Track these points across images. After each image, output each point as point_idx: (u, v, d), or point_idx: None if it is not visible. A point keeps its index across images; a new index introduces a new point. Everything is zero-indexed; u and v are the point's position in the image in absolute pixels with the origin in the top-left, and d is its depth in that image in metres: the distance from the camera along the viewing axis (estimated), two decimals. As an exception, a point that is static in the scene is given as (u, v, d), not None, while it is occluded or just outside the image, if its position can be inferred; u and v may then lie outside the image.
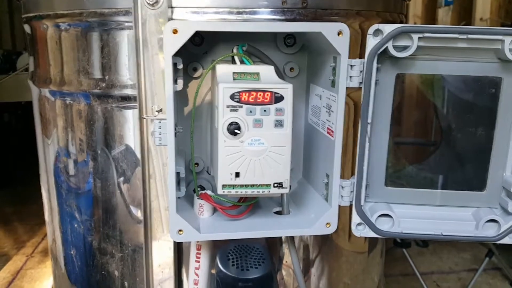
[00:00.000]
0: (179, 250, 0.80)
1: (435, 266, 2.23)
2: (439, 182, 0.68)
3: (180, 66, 0.62)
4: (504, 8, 2.84)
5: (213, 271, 0.82)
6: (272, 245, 0.88)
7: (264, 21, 0.73)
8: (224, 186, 0.61)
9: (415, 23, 2.94)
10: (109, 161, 0.85)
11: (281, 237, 0.85)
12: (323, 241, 0.94)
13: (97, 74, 0.81)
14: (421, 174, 0.73)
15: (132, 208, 0.85)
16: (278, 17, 0.74)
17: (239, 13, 0.73)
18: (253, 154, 0.60)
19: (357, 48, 0.79)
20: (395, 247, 2.10)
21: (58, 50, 0.86)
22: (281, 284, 0.92)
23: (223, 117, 0.59)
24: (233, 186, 0.61)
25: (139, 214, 0.84)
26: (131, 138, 0.82)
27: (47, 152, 0.98)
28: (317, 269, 0.95)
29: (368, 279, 1.12)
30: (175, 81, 0.63)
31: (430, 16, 2.94)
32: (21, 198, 2.62)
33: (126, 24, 0.77)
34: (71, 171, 0.91)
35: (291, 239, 0.75)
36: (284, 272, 0.91)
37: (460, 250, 2.35)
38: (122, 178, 0.84)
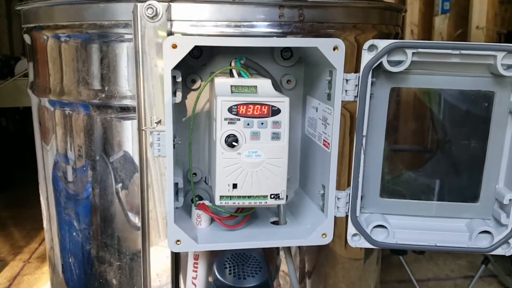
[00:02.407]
0: (177, 259, 0.81)
1: (432, 273, 2.24)
2: (433, 193, 0.69)
3: (179, 79, 0.63)
4: (500, 16, 2.86)
5: (210, 279, 0.83)
6: (269, 254, 0.89)
7: (262, 34, 0.74)
8: (221, 197, 0.62)
9: (412, 31, 2.97)
10: (108, 171, 0.86)
11: (281, 249, 0.86)
12: (319, 248, 0.95)
13: (97, 85, 0.82)
14: (416, 184, 0.74)
15: (130, 217, 0.86)
16: (275, 30, 0.75)
17: (237, 26, 0.74)
18: (250, 166, 0.61)
19: (353, 60, 0.80)
20: (392, 254, 2.10)
21: (58, 61, 0.87)
22: (278, 291, 0.93)
23: (221, 130, 0.60)
24: (231, 197, 0.62)
25: (137, 222, 0.85)
26: (130, 148, 0.83)
27: (46, 160, 0.98)
28: (313, 276, 0.96)
29: (365, 286, 1.13)
30: (174, 94, 0.64)
31: (426, 24, 2.96)
32: (18, 203, 2.61)
33: (126, 36, 0.78)
34: (70, 180, 0.92)
35: (287, 248, 0.76)
36: (281, 281, 0.92)
37: (456, 257, 2.36)
38: (120, 186, 0.85)
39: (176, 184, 0.68)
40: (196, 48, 0.70)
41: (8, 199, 2.74)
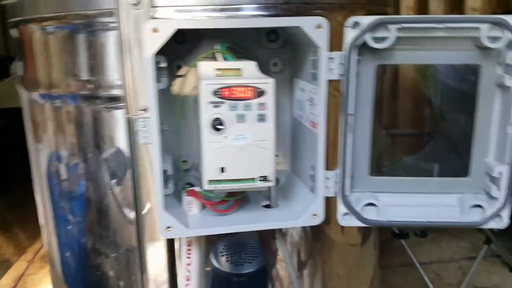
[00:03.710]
0: (171, 247, 0.81)
1: (435, 256, 2.24)
2: (424, 169, 0.69)
3: (163, 65, 0.63)
4: (495, -3, 2.84)
5: (208, 268, 0.83)
6: (265, 240, 0.89)
7: (247, 17, 0.74)
8: (210, 181, 0.62)
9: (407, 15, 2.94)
10: (100, 162, 0.86)
11: (273, 231, 0.86)
12: (316, 234, 0.95)
13: (85, 75, 0.82)
14: (406, 163, 0.74)
15: (125, 207, 0.86)
16: (261, 13, 0.75)
17: (222, 10, 0.74)
18: (237, 149, 0.61)
19: (342, 41, 0.80)
20: (394, 238, 2.11)
21: (45, 53, 0.87)
22: (276, 278, 0.93)
23: (206, 113, 0.60)
24: (219, 181, 0.62)
25: (131, 212, 0.85)
26: (121, 138, 0.83)
27: (39, 155, 0.98)
28: (310, 262, 0.96)
29: (362, 271, 1.13)
30: (158, 80, 0.63)
31: (422, 8, 2.94)
32: (21, 203, 2.62)
33: (111, 25, 0.77)
34: (63, 173, 0.92)
35: (280, 231, 0.76)
36: (278, 266, 0.92)
37: (459, 239, 2.36)
38: (112, 176, 0.85)
39: (165, 171, 0.68)
40: (181, 33, 0.70)
41: (11, 200, 2.75)
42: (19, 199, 2.71)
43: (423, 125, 0.81)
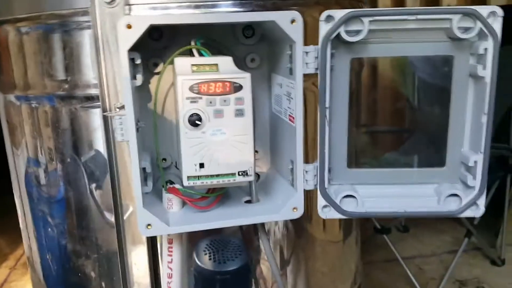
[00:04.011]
0: (154, 247, 0.81)
1: (417, 250, 2.27)
2: (401, 160, 0.70)
3: (138, 61, 0.63)
4: (470, -6, 2.90)
5: (192, 269, 0.83)
6: (248, 237, 0.89)
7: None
8: (189, 177, 0.62)
9: (385, 13, 2.97)
10: (79, 163, 0.85)
11: (256, 228, 0.86)
12: (298, 231, 0.95)
13: (61, 75, 0.81)
14: (384, 156, 0.74)
15: (104, 207, 0.85)
16: (237, 9, 0.75)
17: (197, 7, 0.74)
18: (215, 144, 0.61)
19: (317, 36, 0.80)
20: (376, 234, 2.13)
21: (20, 54, 0.86)
22: (260, 275, 0.93)
23: (183, 109, 0.60)
24: (198, 177, 0.62)
25: (111, 212, 0.84)
26: (99, 138, 0.82)
27: (16, 158, 0.97)
28: (293, 259, 0.96)
29: (345, 267, 1.14)
30: (134, 77, 0.63)
31: (398, 6, 2.98)
32: (1, 211, 2.58)
33: (86, 24, 0.77)
34: (41, 176, 0.91)
35: (261, 226, 0.76)
36: (262, 263, 0.92)
37: (440, 233, 2.40)
38: (91, 176, 0.84)
39: (144, 169, 0.67)
40: (157, 30, 0.70)
41: (-10, 208, 2.70)
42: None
43: (400, 120, 0.82)
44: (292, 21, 0.61)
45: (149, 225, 0.64)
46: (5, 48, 0.89)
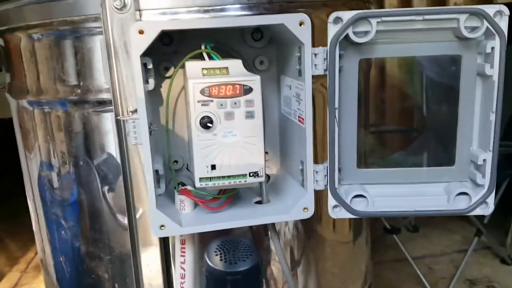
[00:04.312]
0: (166, 248, 0.82)
1: (427, 250, 2.26)
2: (410, 160, 0.71)
3: (150, 66, 0.64)
4: (477, -8, 2.88)
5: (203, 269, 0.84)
6: (259, 237, 0.90)
7: (232, 17, 0.75)
8: (201, 179, 0.63)
9: (391, 13, 2.97)
10: (91, 167, 0.86)
11: (266, 228, 0.87)
12: (308, 232, 0.96)
13: (73, 80, 0.83)
14: (394, 156, 0.75)
15: (117, 209, 0.86)
16: (245, 13, 0.76)
17: (206, 11, 0.75)
18: (227, 146, 0.62)
19: (325, 38, 0.81)
20: (386, 234, 2.13)
21: (32, 60, 0.87)
22: (271, 275, 0.94)
23: (195, 112, 0.61)
24: (210, 178, 0.63)
25: (124, 213, 0.85)
26: (111, 141, 0.84)
27: (29, 162, 0.99)
28: (304, 260, 0.97)
29: (355, 267, 1.14)
30: (146, 81, 0.64)
31: (405, 6, 2.98)
32: (11, 214, 2.60)
33: (97, 30, 0.78)
34: (54, 179, 0.92)
35: (272, 227, 0.77)
36: (273, 263, 0.93)
37: (450, 232, 2.39)
38: (104, 179, 0.85)
39: (156, 171, 0.68)
40: (167, 35, 0.71)
41: (1, 211, 2.72)
42: (10, 210, 2.69)
43: (409, 119, 0.83)
44: (301, 23, 0.62)
45: (162, 226, 0.65)
46: (17, 54, 0.91)
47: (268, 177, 0.80)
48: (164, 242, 0.82)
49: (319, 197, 0.75)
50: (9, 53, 0.94)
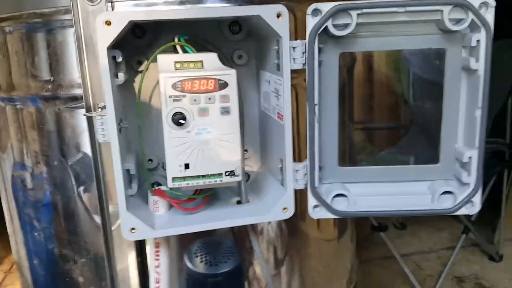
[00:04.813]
0: (142, 249, 0.79)
1: (415, 247, 2.26)
2: (393, 158, 0.68)
3: (120, 59, 0.61)
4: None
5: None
6: (241, 238, 0.87)
7: (208, 9, 0.72)
8: (174, 179, 0.60)
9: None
10: (65, 166, 0.83)
11: (247, 229, 0.84)
12: (292, 231, 0.93)
13: (45, 75, 0.79)
14: (376, 154, 0.72)
15: (91, 210, 0.83)
16: (223, 4, 0.73)
17: (182, 3, 0.72)
18: (201, 144, 0.59)
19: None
20: (374, 232, 2.11)
21: (4, 55, 0.84)
22: (253, 277, 0.92)
23: (167, 108, 0.58)
24: (184, 178, 0.60)
25: (98, 215, 0.82)
26: (84, 139, 0.80)
27: (2, 162, 0.95)
28: (288, 259, 0.95)
29: (340, 265, 1.12)
30: (115, 75, 0.61)
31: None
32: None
33: (69, 22, 0.75)
34: (28, 178, 0.89)
35: (251, 227, 0.74)
36: (255, 263, 0.90)
37: (438, 229, 2.38)
38: (77, 178, 0.82)
39: (128, 171, 0.65)
40: (139, 27, 0.68)
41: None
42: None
43: (393, 116, 0.80)
44: (278, 15, 0.59)
45: (133, 229, 0.62)
46: (-12, 49, 0.87)
47: (248, 176, 0.77)
48: (141, 245, 0.79)
49: (303, 194, 0.73)
50: (-21, 47, 0.90)
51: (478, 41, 0.59)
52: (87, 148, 0.80)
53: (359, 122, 0.81)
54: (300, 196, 0.69)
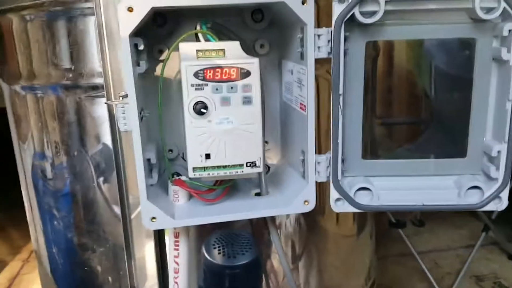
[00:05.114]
0: (161, 240, 0.79)
1: (433, 245, 2.22)
2: (419, 151, 0.66)
3: (141, 47, 0.60)
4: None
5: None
6: (258, 230, 0.86)
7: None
8: (194, 169, 0.59)
9: None
10: (85, 155, 0.83)
11: (266, 221, 0.83)
12: (311, 225, 0.92)
13: (66, 64, 0.79)
14: (402, 146, 0.71)
15: (111, 200, 0.83)
16: (246, -8, 0.72)
17: (204, -9, 0.70)
18: (222, 134, 0.58)
19: (330, 20, 0.77)
20: (391, 228, 2.09)
21: (25, 43, 0.84)
22: (271, 269, 0.91)
23: (188, 97, 0.57)
24: (204, 168, 0.59)
25: (118, 204, 0.82)
26: (104, 129, 0.80)
27: (23, 152, 0.96)
28: (306, 254, 0.94)
29: (359, 261, 1.11)
30: (137, 63, 0.60)
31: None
32: (14, 204, 2.58)
33: (90, 10, 0.74)
34: (48, 168, 0.89)
35: (271, 220, 0.73)
36: (272, 257, 0.90)
37: (457, 227, 2.34)
38: (97, 168, 0.82)
39: (148, 160, 0.65)
40: (161, 15, 0.67)
41: (4, 201, 2.71)
42: (13, 199, 2.67)
43: (418, 109, 0.78)
44: (303, 1, 0.58)
45: (153, 218, 0.61)
46: (9, 37, 0.87)
47: (268, 168, 0.76)
48: (159, 235, 0.79)
49: (323, 188, 0.71)
50: (1, 36, 0.91)
51: (510, 30, 0.57)
52: (107, 138, 0.80)
53: (382, 114, 0.79)
54: (320, 189, 0.67)
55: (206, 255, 0.80)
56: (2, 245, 2.37)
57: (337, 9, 0.57)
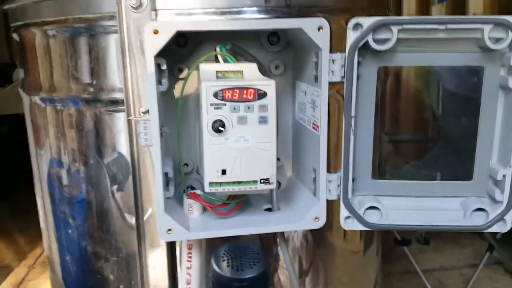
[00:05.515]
0: (172, 251, 0.81)
1: (437, 263, 2.22)
2: (427, 173, 0.69)
3: (164, 67, 0.63)
4: (497, 2, 2.84)
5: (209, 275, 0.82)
6: (267, 244, 0.88)
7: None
8: (211, 183, 0.62)
9: (408, 22, 2.94)
10: (101, 166, 0.85)
11: (275, 236, 0.85)
12: (318, 241, 0.94)
13: (86, 79, 0.82)
14: (409, 167, 0.73)
15: (125, 210, 0.85)
16: (262, 16, 0.74)
17: (223, 13, 0.74)
18: (238, 151, 0.61)
19: (343, 45, 0.80)
20: (396, 245, 2.09)
21: (46, 57, 0.87)
22: (278, 283, 0.92)
23: (207, 115, 0.59)
24: (220, 183, 0.62)
25: (132, 215, 0.84)
26: (122, 142, 0.83)
27: (40, 159, 0.98)
28: (312, 269, 0.95)
29: (365, 278, 1.12)
30: (159, 82, 0.63)
31: (423, 14, 2.94)
32: (21, 210, 2.61)
33: (112, 28, 0.77)
34: (64, 177, 0.92)
35: (281, 235, 0.75)
36: (280, 271, 0.91)
37: (461, 246, 2.34)
38: (113, 180, 0.84)
39: (166, 174, 0.67)
40: (182, 36, 0.70)
41: (11, 206, 2.74)
42: (20, 205, 2.70)
43: (426, 130, 0.81)
44: (319, 28, 0.61)
45: (169, 230, 0.64)
46: (32, 50, 0.90)
47: (279, 184, 0.78)
48: (171, 245, 0.81)
49: (330, 204, 0.73)
50: (24, 49, 0.94)
51: (517, 60, 0.60)
52: (122, 149, 0.83)
53: (391, 134, 0.81)
54: (328, 206, 0.70)
55: (215, 267, 0.81)
56: (7, 250, 2.39)
57: (351, 36, 0.60)
